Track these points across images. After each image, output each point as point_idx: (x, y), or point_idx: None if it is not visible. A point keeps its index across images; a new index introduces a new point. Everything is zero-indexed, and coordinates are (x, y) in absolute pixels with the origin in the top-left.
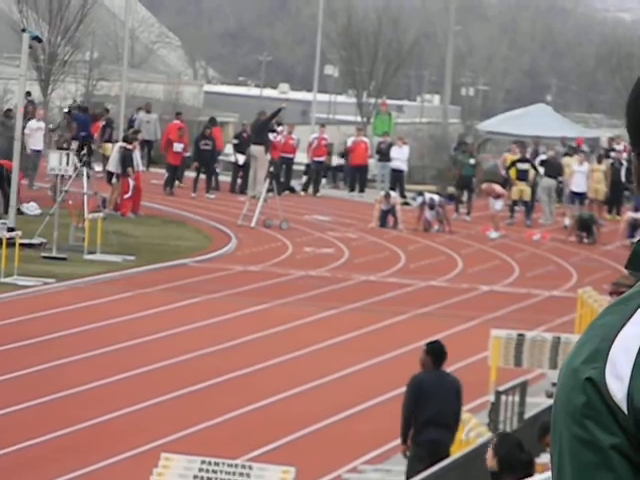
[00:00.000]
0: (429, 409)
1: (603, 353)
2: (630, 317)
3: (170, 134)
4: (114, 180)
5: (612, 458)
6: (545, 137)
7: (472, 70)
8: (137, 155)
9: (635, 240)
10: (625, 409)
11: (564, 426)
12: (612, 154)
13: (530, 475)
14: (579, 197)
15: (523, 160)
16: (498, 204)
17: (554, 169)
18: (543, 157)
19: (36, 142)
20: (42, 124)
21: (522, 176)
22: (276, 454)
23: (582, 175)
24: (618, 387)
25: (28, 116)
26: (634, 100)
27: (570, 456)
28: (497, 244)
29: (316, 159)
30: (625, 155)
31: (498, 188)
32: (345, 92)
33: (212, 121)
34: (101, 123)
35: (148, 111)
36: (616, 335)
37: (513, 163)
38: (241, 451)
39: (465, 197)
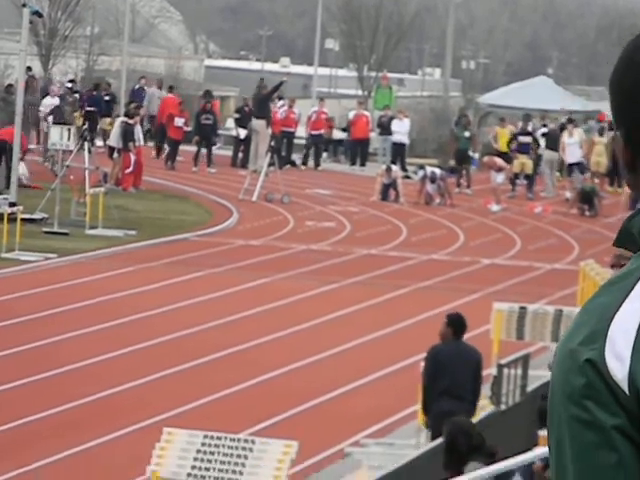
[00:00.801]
0: (444, 380)
1: (602, 333)
2: (627, 295)
3: (171, 108)
4: (115, 155)
5: (614, 438)
6: (546, 110)
7: (473, 43)
8: (138, 130)
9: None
10: (626, 389)
11: (563, 408)
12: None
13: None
14: (578, 167)
15: (524, 133)
16: (499, 177)
17: (555, 142)
18: (544, 130)
19: (50, 119)
20: (57, 100)
21: (523, 149)
22: (278, 428)
23: (574, 146)
24: (618, 367)
25: (30, 91)
26: (620, 77)
27: (570, 438)
28: (498, 217)
29: (314, 132)
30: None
31: (499, 161)
32: (346, 66)
33: (208, 94)
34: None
35: (159, 87)
36: (614, 314)
37: (515, 136)
38: (243, 425)
39: (464, 170)
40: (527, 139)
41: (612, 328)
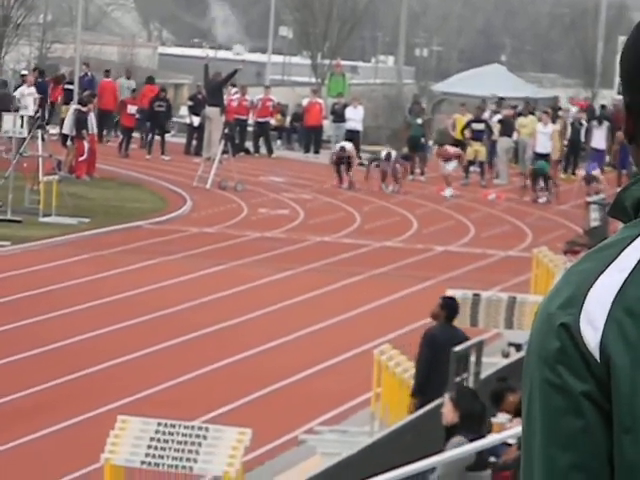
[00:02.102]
0: (443, 363)
1: (579, 300)
2: (609, 264)
3: (107, 93)
4: (69, 142)
5: (582, 404)
6: (501, 97)
7: (426, 30)
8: (92, 117)
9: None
10: (597, 357)
11: (537, 369)
12: (571, 114)
13: (483, 424)
14: (544, 158)
15: (478, 120)
16: (450, 165)
17: (510, 128)
18: (499, 116)
19: (29, 109)
20: (33, 90)
21: (477, 136)
22: (232, 415)
23: (546, 136)
24: (592, 335)
25: None
26: (627, 47)
27: (540, 400)
28: (452, 204)
29: (260, 120)
30: (584, 115)
31: (452, 150)
32: (299, 53)
33: (149, 79)
34: (62, 86)
35: (128, 77)
36: (593, 282)
37: (468, 124)
38: (198, 412)
39: (418, 157)
40: (480, 126)
41: (590, 295)
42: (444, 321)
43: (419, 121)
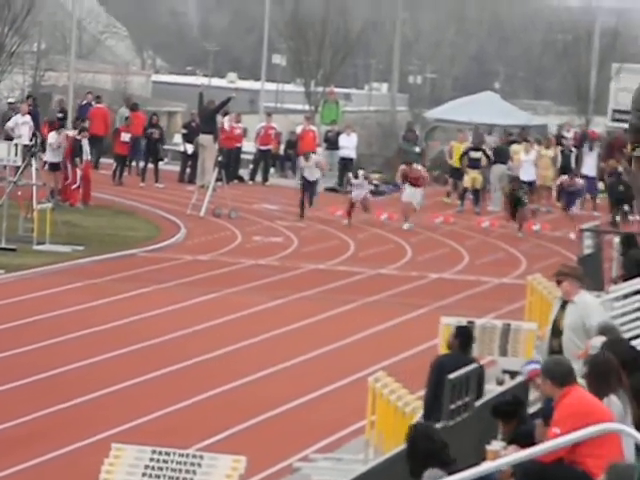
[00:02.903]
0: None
1: None
2: None
3: (99, 119)
4: (46, 168)
5: None
6: (493, 124)
7: (419, 58)
8: (86, 144)
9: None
10: None
11: None
12: (563, 141)
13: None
14: (529, 185)
15: (475, 149)
16: (411, 193)
17: (504, 156)
18: (492, 144)
19: (23, 138)
20: (27, 118)
21: (474, 164)
22: (227, 443)
23: (529, 164)
24: None
25: None
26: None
27: None
28: (446, 232)
29: (262, 147)
30: (573, 142)
31: (421, 172)
32: (293, 81)
33: (133, 106)
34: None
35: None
36: None
37: (465, 152)
38: (193, 440)
39: None
40: (478, 155)
41: None
42: (458, 350)
43: (417, 149)
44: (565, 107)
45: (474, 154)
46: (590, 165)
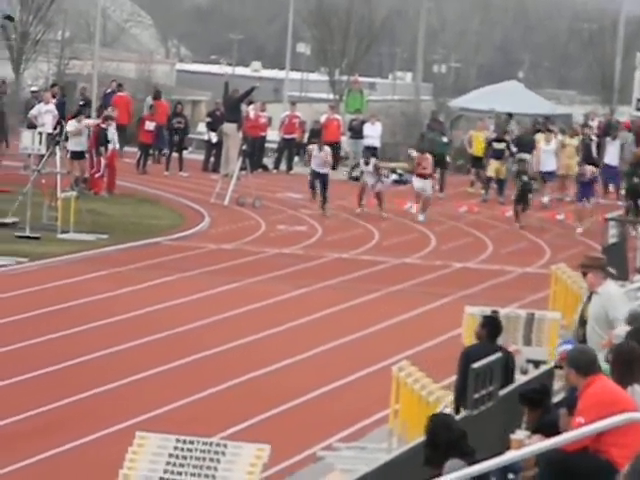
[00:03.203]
0: None
1: None
2: None
3: (121, 107)
4: (68, 157)
5: None
6: (517, 114)
7: (444, 47)
8: (114, 134)
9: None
10: None
11: None
12: (585, 130)
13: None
14: (549, 175)
15: (499, 140)
16: (422, 182)
17: (527, 145)
18: (516, 133)
19: (47, 126)
20: (51, 106)
21: (497, 155)
22: (251, 432)
23: (550, 153)
24: None
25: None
26: None
27: None
28: (470, 221)
29: (287, 136)
30: (596, 131)
31: (429, 162)
32: (317, 70)
33: (156, 94)
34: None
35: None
36: None
37: (489, 143)
38: (217, 429)
39: (438, 174)
40: (501, 145)
41: None
42: (486, 339)
43: (445, 139)
44: (589, 96)
45: (497, 145)
46: (613, 154)
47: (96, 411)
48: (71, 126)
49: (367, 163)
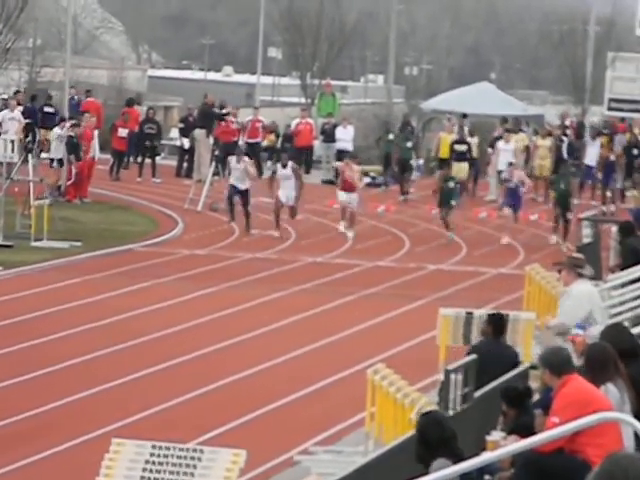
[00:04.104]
0: (483, 376)
1: None
2: None
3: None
4: (55, 165)
5: None
6: (489, 115)
7: (415, 49)
8: (95, 143)
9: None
10: None
11: None
12: (555, 131)
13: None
14: (499, 175)
15: (460, 142)
16: (347, 196)
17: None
18: (495, 134)
19: (9, 133)
20: (16, 113)
21: (459, 157)
22: (227, 437)
23: (508, 152)
24: None
25: None
26: None
27: None
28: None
29: (250, 141)
30: (569, 131)
31: (355, 174)
32: (289, 74)
33: (129, 102)
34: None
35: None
36: None
37: (451, 145)
38: (192, 435)
39: (402, 179)
40: (463, 147)
41: None
42: (492, 336)
43: (409, 144)
44: (561, 97)
45: (459, 147)
46: (592, 155)
47: (73, 418)
48: (55, 134)
49: (285, 166)
